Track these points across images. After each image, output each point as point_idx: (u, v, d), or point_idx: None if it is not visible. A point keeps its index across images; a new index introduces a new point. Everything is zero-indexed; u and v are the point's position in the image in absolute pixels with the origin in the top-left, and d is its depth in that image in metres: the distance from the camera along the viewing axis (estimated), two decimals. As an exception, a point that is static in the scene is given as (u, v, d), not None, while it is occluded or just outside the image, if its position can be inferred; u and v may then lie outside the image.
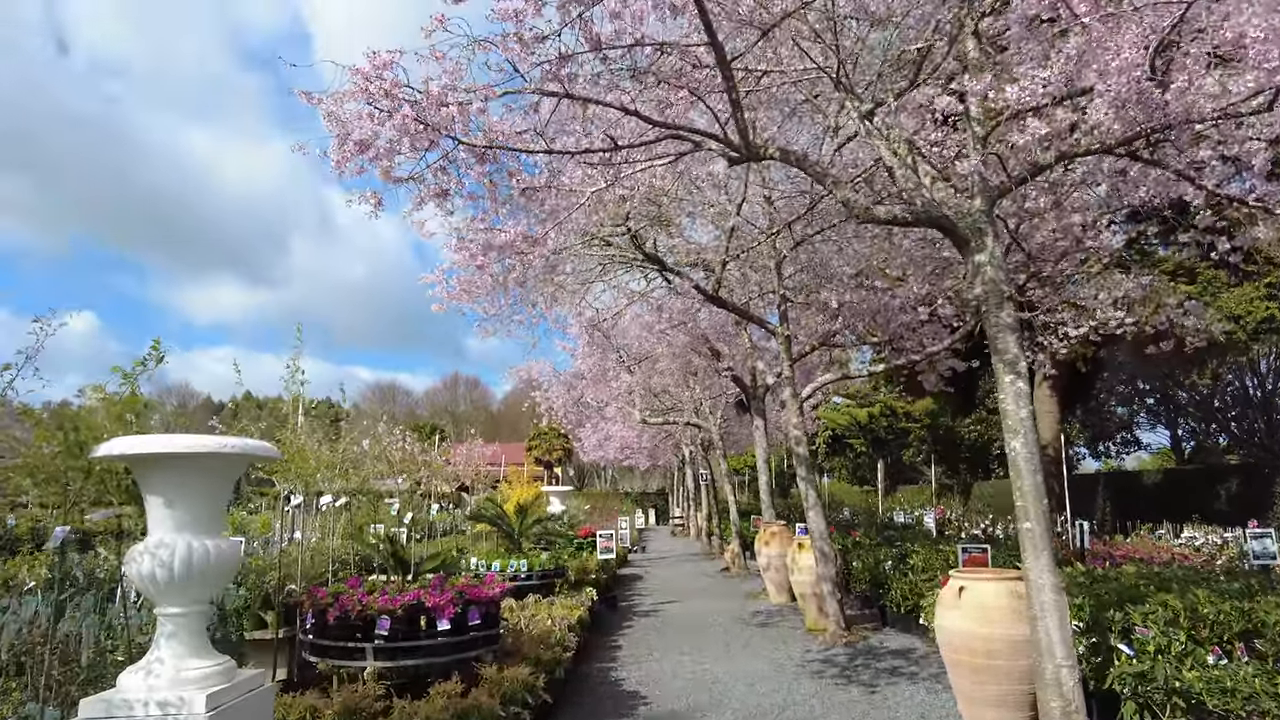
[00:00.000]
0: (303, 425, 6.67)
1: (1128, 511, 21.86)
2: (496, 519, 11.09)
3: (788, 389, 9.59)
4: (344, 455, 7.60)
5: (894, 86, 5.72)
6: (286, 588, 7.24)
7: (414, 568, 6.55)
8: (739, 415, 16.37)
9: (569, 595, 10.47)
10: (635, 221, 7.51)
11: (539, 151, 4.93)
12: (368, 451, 8.94)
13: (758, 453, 14.10)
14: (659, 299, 10.49)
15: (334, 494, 7.78)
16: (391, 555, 6.00)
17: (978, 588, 5.27)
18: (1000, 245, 5.12)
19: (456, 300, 8.28)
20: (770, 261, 9.32)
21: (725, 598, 13.77)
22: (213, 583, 3.69)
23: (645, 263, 9.09)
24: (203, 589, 3.62)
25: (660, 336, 13.47)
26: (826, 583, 9.46)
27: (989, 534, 18.50)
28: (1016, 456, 4.96)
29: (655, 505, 48.32)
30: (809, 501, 9.58)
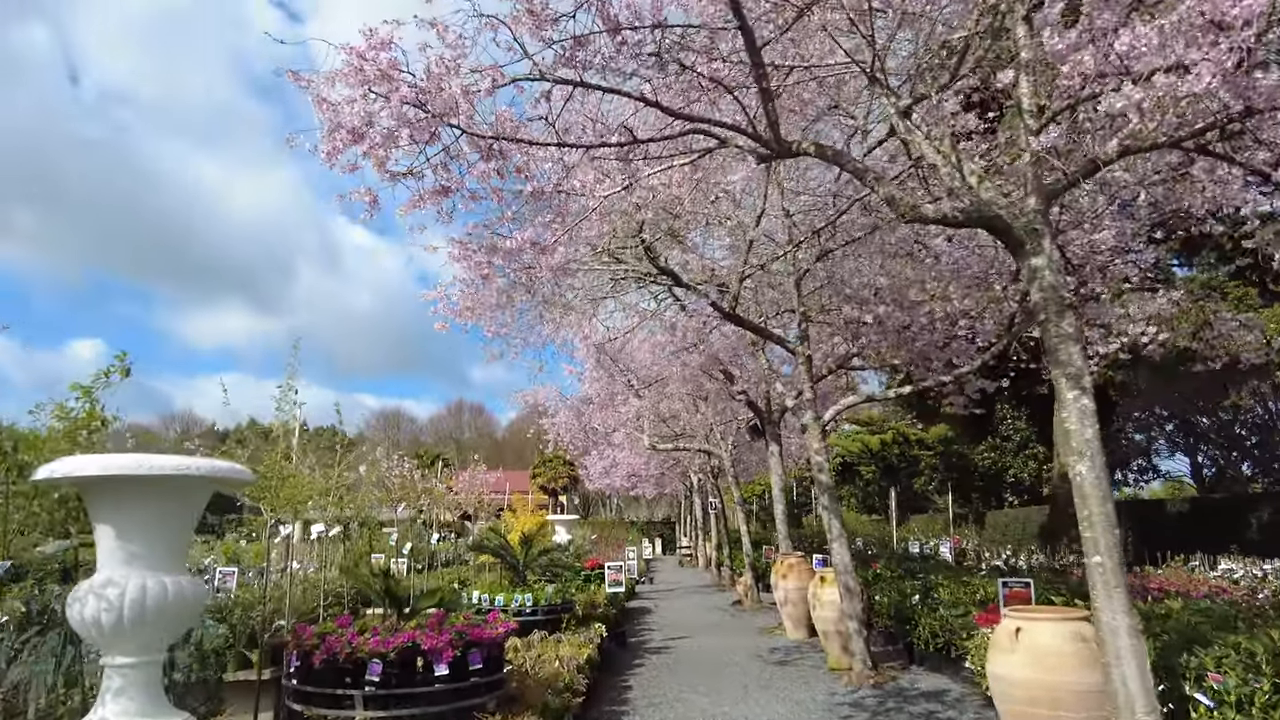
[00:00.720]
0: (295, 449, 6.19)
1: (1151, 542, 21.10)
2: (500, 550, 10.53)
3: (809, 412, 9.07)
4: (338, 481, 7.10)
5: (935, 80, 5.29)
6: (275, 624, 6.70)
7: (411, 603, 6.02)
8: (752, 441, 15.84)
9: (576, 631, 9.88)
10: (650, 233, 7.06)
11: (549, 144, 4.48)
12: (364, 477, 8.44)
13: (773, 480, 13.53)
14: (671, 318, 10.01)
15: (327, 523, 7.26)
16: (384, 591, 5.46)
17: (1037, 629, 4.71)
18: (1056, 248, 4.63)
19: (460, 318, 7.83)
20: (789, 278, 8.86)
21: (740, 633, 13.12)
22: (170, 626, 3.17)
23: (658, 279, 8.64)
24: (157, 634, 3.10)
25: (671, 359, 12.98)
26: (852, 619, 8.86)
27: (1011, 564, 17.81)
28: (1083, 482, 4.43)
29: (662, 534, 47.48)
30: (833, 532, 9.02)
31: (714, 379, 13.75)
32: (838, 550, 8.99)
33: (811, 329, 9.54)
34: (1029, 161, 4.68)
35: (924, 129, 5.13)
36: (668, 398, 16.60)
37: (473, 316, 7.81)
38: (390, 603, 5.50)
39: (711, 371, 13.35)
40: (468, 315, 7.81)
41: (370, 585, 5.53)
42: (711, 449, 18.26)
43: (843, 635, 9.62)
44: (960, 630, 8.70)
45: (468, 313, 7.75)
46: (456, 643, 4.95)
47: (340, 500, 7.20)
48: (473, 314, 7.83)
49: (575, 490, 61.18)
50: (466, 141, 4.55)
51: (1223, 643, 5.54)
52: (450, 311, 7.65)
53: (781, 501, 13.38)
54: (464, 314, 7.69)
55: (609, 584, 11.95)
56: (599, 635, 9.73)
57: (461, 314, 7.64)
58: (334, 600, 8.65)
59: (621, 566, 12.21)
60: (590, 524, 43.04)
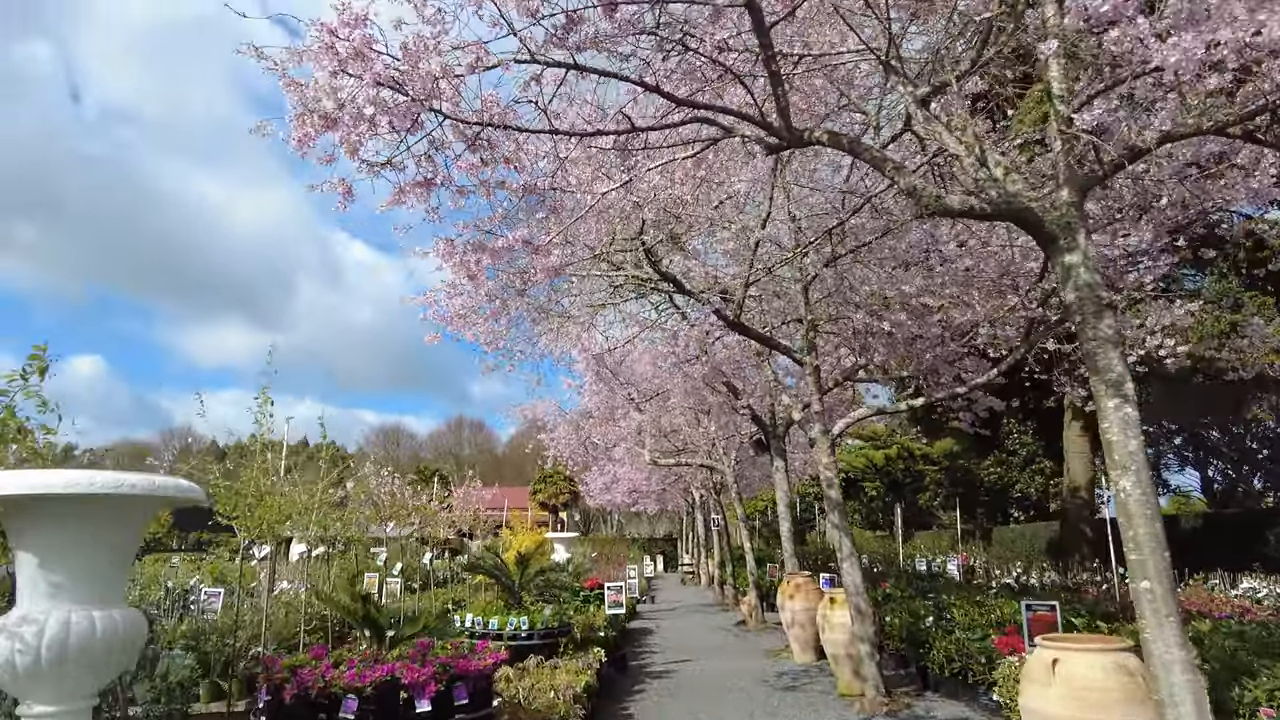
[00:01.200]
0: (272, 464, 5.79)
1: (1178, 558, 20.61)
2: (495, 570, 10.09)
3: (817, 425, 8.67)
4: (321, 498, 6.69)
5: (955, 66, 4.94)
6: (252, 651, 6.29)
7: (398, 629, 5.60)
8: (756, 456, 15.43)
9: (574, 656, 9.42)
10: (651, 236, 6.70)
11: (541, 131, 4.12)
12: (352, 494, 8.03)
13: (778, 496, 13.10)
14: (673, 327, 9.63)
15: (310, 543, 6.85)
16: (364, 618, 5.04)
17: (1076, 661, 4.28)
18: (1091, 244, 4.26)
19: (451, 326, 7.45)
20: (796, 285, 8.49)
21: (745, 655, 12.64)
22: (100, 669, 2.75)
23: (659, 286, 8.28)
24: (84, 678, 2.69)
25: (673, 371, 12.60)
26: (864, 643, 8.42)
27: (1022, 582, 17.32)
28: (1128, 499, 4.02)
29: (663, 551, 46.85)
30: (843, 551, 8.60)
31: (717, 392, 13.35)
32: (848, 570, 8.56)
33: (819, 339, 9.16)
34: (1060, 150, 4.32)
35: (944, 119, 4.77)
36: (669, 411, 16.19)
37: (464, 325, 7.44)
38: (371, 631, 5.08)
39: (714, 384, 12.96)
40: (459, 324, 7.43)
41: (350, 612, 5.12)
42: (714, 464, 17.83)
43: (854, 659, 9.17)
44: (978, 655, 8.26)
45: (459, 320, 7.38)
46: (440, 676, 4.54)
47: (325, 519, 6.78)
48: (464, 322, 7.46)
49: (576, 506, 60.60)
50: (451, 130, 4.19)
51: (1271, 673, 5.13)
52: (440, 319, 7.28)
53: (787, 519, 12.94)
54: (455, 322, 7.32)
55: (609, 605, 11.50)
56: (598, 660, 9.28)
57: (452, 321, 7.27)
58: (318, 625, 8.23)
59: (622, 587, 11.76)
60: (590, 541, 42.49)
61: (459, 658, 4.84)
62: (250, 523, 5.22)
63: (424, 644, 5.13)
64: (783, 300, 9.40)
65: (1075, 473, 19.14)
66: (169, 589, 12.21)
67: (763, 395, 13.07)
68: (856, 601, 8.52)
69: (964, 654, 8.53)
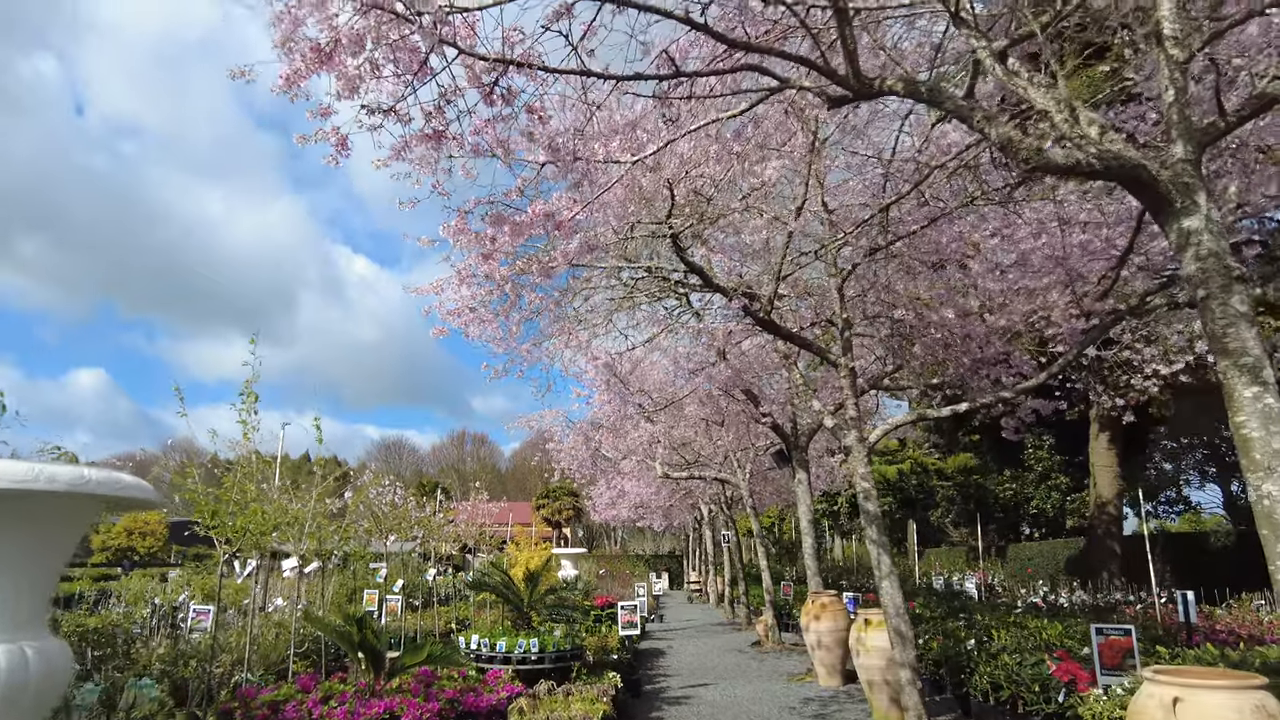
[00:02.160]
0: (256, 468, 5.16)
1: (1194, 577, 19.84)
2: (503, 588, 9.42)
3: (852, 433, 8.02)
4: (316, 509, 6.05)
5: (1038, 14, 4.33)
6: (234, 680, 5.62)
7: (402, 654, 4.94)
8: (776, 468, 14.75)
9: (588, 681, 8.74)
10: (679, 220, 6.08)
11: (570, 72, 3.51)
12: (349, 505, 7.39)
13: (800, 511, 12.41)
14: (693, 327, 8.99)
15: (304, 557, 6.21)
16: (359, 644, 4.38)
17: (1205, 701, 3.61)
18: (1215, 207, 3.63)
19: (459, 321, 6.83)
20: (830, 280, 7.87)
21: (765, 679, 11.91)
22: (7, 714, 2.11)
23: (677, 287, 7.67)
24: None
25: (689, 379, 11.96)
26: (906, 669, 7.71)
27: (1050, 601, 16.57)
28: (1273, 507, 3.36)
29: (668, 568, 45.90)
30: (882, 569, 7.92)
31: (735, 400, 12.70)
32: (888, 589, 7.87)
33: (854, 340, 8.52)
34: (1174, 100, 3.70)
35: (1025, 75, 4.15)
36: (684, 421, 15.54)
37: (473, 320, 6.81)
38: (367, 658, 4.42)
39: (733, 392, 12.30)
40: (468, 318, 6.81)
41: (342, 636, 4.46)
42: (727, 477, 17.14)
43: (892, 686, 8.47)
44: (1030, 682, 7.56)
45: (468, 315, 6.75)
46: (448, 714, 3.88)
47: (319, 531, 6.14)
48: (474, 316, 6.83)
49: (579, 522, 59.81)
50: (465, 75, 3.59)
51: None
52: (447, 313, 6.65)
53: (810, 534, 12.25)
54: (464, 315, 6.69)
55: (622, 626, 10.80)
56: (613, 686, 8.58)
57: (461, 315, 6.64)
58: (311, 648, 7.56)
59: (635, 606, 11.07)
60: (595, 557, 41.71)
61: (468, 690, 4.19)
62: (232, 533, 4.59)
63: (427, 674, 4.48)
64: (814, 298, 8.77)
65: (1102, 487, 18.42)
66: (155, 606, 11.56)
67: (784, 404, 12.43)
68: (897, 624, 7.82)
69: (1013, 681, 7.83)
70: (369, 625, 4.49)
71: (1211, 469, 29.21)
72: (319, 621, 5.00)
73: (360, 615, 4.58)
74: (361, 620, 4.53)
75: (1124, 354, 10.46)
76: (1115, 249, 7.37)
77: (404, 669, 4.43)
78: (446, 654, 4.64)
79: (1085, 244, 7.10)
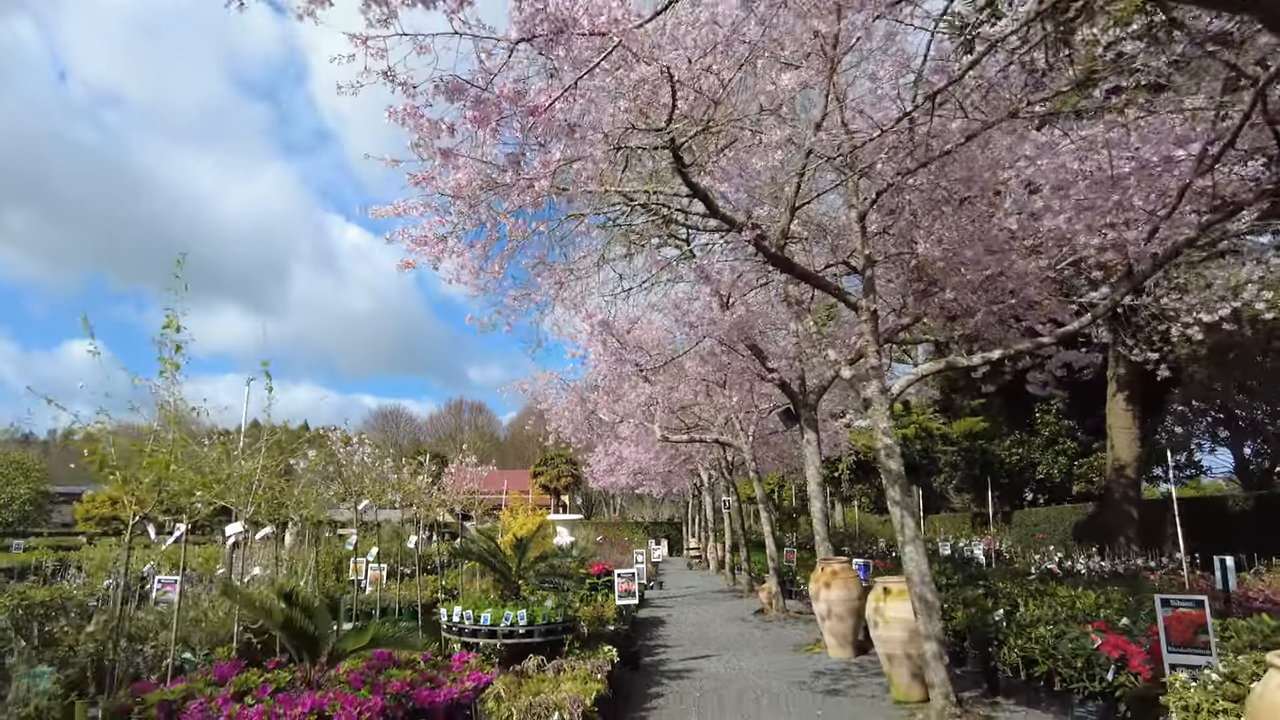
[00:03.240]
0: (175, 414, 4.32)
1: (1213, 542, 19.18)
2: (489, 556, 8.66)
3: (874, 383, 7.19)
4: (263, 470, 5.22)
5: None
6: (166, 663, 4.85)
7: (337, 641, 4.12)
8: (786, 427, 13.96)
9: (581, 656, 8.01)
10: (681, 129, 5.17)
11: None
12: (308, 464, 6.59)
13: (809, 473, 11.65)
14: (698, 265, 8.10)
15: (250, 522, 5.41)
16: (284, 624, 3.55)
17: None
18: None
19: (430, 254, 5.95)
20: (852, 211, 6.98)
21: (771, 650, 11.23)
22: None
23: (683, 210, 6.78)
24: None
25: (690, 331, 11.10)
26: (931, 641, 6.98)
27: (1066, 567, 15.91)
28: None
29: (667, 535, 45.47)
30: (905, 533, 7.14)
31: (739, 356, 11.86)
32: (912, 555, 7.11)
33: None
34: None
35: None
36: (684, 382, 14.72)
37: (444, 250, 5.93)
38: (298, 644, 3.61)
39: (736, 346, 11.46)
40: (437, 248, 5.92)
41: (268, 615, 3.64)
42: (730, 440, 16.36)
43: (913, 660, 7.76)
44: (1070, 658, 6.82)
45: (438, 244, 5.87)
46: (394, 711, 3.09)
47: (267, 494, 5.34)
48: (444, 248, 5.95)
49: (578, 490, 59.38)
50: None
51: None
52: (412, 242, 5.77)
53: (819, 498, 11.49)
54: (432, 246, 5.80)
55: (620, 595, 10.09)
56: (609, 661, 7.85)
57: (428, 244, 5.76)
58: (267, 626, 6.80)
59: (634, 574, 10.35)
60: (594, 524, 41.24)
61: (425, 680, 3.39)
62: (134, 489, 3.78)
63: (383, 658, 3.68)
64: (831, 237, 7.90)
65: (1120, 449, 17.66)
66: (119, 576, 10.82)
67: (792, 360, 11.59)
68: (922, 592, 7.07)
69: (1049, 655, 7.10)
70: (300, 600, 3.65)
71: (1224, 433, 28.50)
72: (238, 594, 4.18)
73: (290, 588, 3.75)
74: (291, 594, 3.69)
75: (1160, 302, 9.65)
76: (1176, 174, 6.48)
77: (350, 654, 3.65)
78: (400, 634, 3.86)
79: (1145, 165, 6.20)
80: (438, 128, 3.56)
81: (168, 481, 3.92)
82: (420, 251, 5.93)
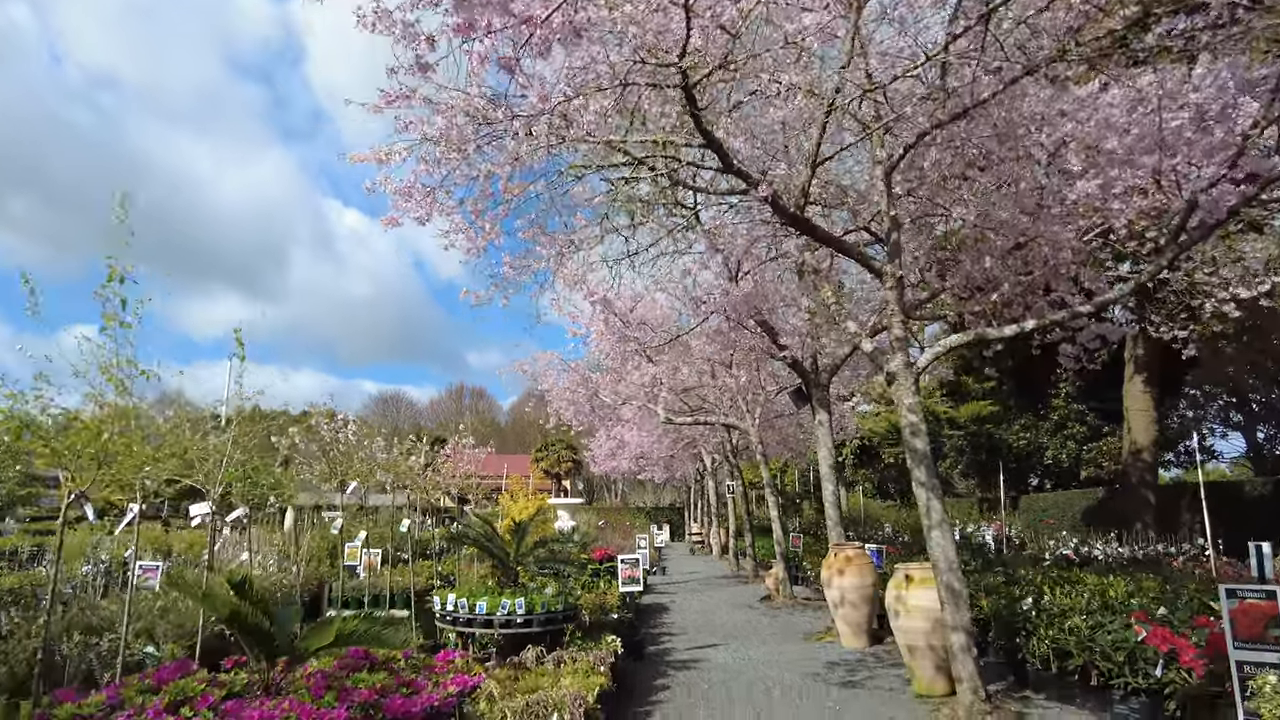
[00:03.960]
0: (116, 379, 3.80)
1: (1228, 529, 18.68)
2: (485, 541, 8.17)
3: (898, 356, 6.65)
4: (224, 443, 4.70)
5: None
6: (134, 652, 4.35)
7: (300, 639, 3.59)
8: (797, 407, 13.43)
9: (583, 646, 7.55)
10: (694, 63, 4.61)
11: None
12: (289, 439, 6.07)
13: (820, 455, 11.14)
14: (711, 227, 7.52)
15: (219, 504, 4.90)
16: (231, 617, 3.01)
17: None
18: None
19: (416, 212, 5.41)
20: (877, 168, 6.42)
21: (781, 639, 10.77)
22: None
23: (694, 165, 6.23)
24: None
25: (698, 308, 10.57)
26: (959, 633, 6.49)
27: (1086, 555, 15.43)
28: None
29: (669, 520, 45.08)
30: (932, 517, 6.64)
31: (748, 333, 11.32)
32: (938, 540, 6.61)
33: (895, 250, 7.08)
34: None
35: None
36: (689, 362, 14.18)
37: (430, 203, 5.39)
38: (253, 642, 3.09)
39: (746, 323, 10.92)
40: (424, 202, 5.38)
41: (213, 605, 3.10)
42: (735, 422, 15.85)
43: (937, 652, 7.28)
44: (1110, 649, 6.32)
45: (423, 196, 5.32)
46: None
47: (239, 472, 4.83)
48: (431, 200, 5.40)
49: (579, 475, 59.02)
50: None
51: None
52: (394, 192, 5.22)
53: (831, 480, 10.99)
54: (416, 197, 5.26)
55: (623, 582, 9.60)
56: (612, 652, 7.39)
57: (413, 196, 5.21)
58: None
59: (637, 560, 9.86)
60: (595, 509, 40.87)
61: (400, 685, 2.89)
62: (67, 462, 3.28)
63: (357, 656, 3.17)
64: (852, 200, 7.34)
65: (1136, 432, 17.14)
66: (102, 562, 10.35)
67: (804, 337, 11.05)
68: (949, 580, 6.57)
69: (1086, 648, 6.60)
70: (250, 593, 3.12)
71: (1236, 417, 27.97)
72: (185, 587, 3.67)
73: (242, 577, 3.22)
74: (242, 583, 3.15)
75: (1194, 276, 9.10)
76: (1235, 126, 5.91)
77: (312, 653, 3.14)
78: (374, 630, 3.34)
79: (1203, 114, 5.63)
80: (413, 33, 3.01)
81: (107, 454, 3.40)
82: (405, 207, 5.38)
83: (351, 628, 3.11)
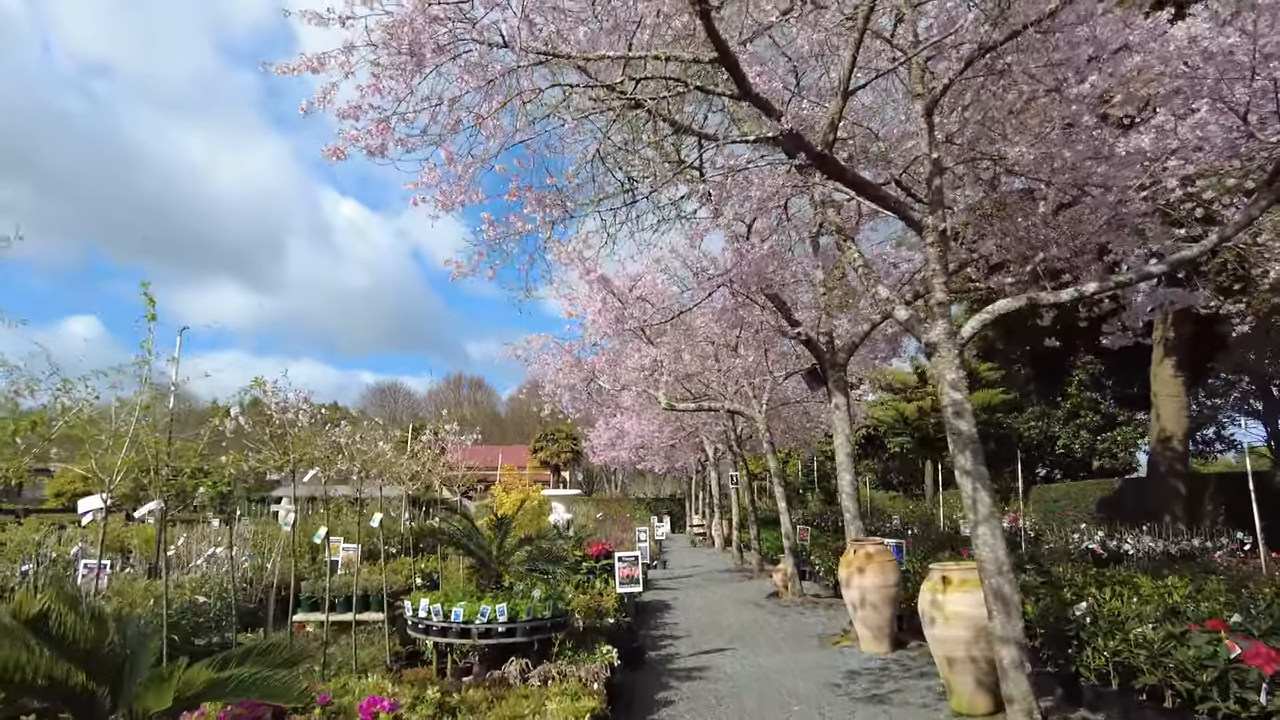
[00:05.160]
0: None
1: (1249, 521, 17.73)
2: (464, 539, 7.23)
3: (940, 324, 5.70)
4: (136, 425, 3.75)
5: None
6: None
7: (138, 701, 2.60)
8: (812, 389, 12.49)
9: (574, 658, 6.62)
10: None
11: None
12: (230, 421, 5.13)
13: (837, 442, 10.19)
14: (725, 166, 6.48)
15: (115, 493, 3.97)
16: (35, 655, 1.98)
17: None
18: None
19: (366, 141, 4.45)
20: (917, 105, 5.44)
21: (794, 643, 9.85)
22: None
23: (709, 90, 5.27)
24: None
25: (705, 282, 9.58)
26: (1010, 646, 5.56)
27: (1114, 549, 14.49)
28: None
29: (670, 511, 44.18)
30: (979, 510, 5.70)
31: (756, 307, 10.35)
32: (985, 537, 5.67)
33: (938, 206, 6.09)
34: None
35: None
36: (692, 344, 13.23)
37: (384, 130, 4.42)
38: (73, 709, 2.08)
39: (755, 298, 9.96)
40: (375, 127, 4.41)
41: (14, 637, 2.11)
42: (741, 409, 14.91)
43: (979, 665, 6.34)
44: (1193, 668, 5.38)
45: (374, 119, 4.35)
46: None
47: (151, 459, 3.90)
48: (383, 126, 4.43)
49: (578, 465, 58.16)
50: None
51: None
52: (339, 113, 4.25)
53: (849, 469, 10.04)
54: (367, 118, 4.28)
55: (621, 582, 8.69)
56: (607, 666, 6.45)
57: (361, 115, 4.24)
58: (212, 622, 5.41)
59: (636, 558, 8.95)
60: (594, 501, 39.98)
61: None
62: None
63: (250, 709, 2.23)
64: (885, 145, 6.36)
65: (1166, 419, 16.18)
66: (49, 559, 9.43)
67: (819, 313, 10.10)
68: (998, 584, 5.63)
69: (1159, 664, 5.66)
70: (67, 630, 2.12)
71: (1258, 404, 27.02)
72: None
73: (44, 606, 2.21)
74: (41, 619, 2.12)
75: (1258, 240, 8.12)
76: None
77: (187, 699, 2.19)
78: (258, 674, 2.34)
79: None
80: None
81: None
82: (353, 136, 4.41)
83: (209, 677, 2.13)
